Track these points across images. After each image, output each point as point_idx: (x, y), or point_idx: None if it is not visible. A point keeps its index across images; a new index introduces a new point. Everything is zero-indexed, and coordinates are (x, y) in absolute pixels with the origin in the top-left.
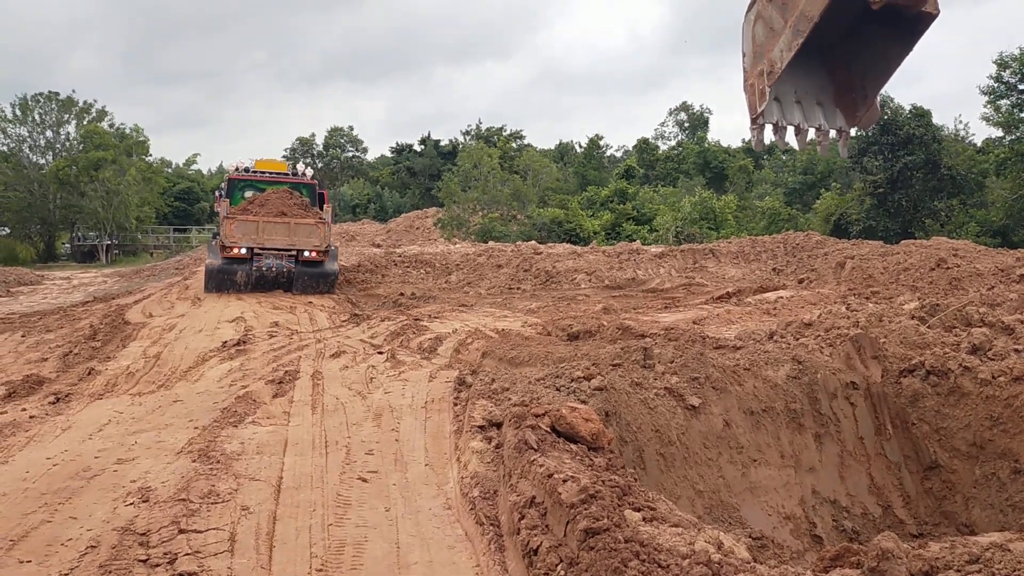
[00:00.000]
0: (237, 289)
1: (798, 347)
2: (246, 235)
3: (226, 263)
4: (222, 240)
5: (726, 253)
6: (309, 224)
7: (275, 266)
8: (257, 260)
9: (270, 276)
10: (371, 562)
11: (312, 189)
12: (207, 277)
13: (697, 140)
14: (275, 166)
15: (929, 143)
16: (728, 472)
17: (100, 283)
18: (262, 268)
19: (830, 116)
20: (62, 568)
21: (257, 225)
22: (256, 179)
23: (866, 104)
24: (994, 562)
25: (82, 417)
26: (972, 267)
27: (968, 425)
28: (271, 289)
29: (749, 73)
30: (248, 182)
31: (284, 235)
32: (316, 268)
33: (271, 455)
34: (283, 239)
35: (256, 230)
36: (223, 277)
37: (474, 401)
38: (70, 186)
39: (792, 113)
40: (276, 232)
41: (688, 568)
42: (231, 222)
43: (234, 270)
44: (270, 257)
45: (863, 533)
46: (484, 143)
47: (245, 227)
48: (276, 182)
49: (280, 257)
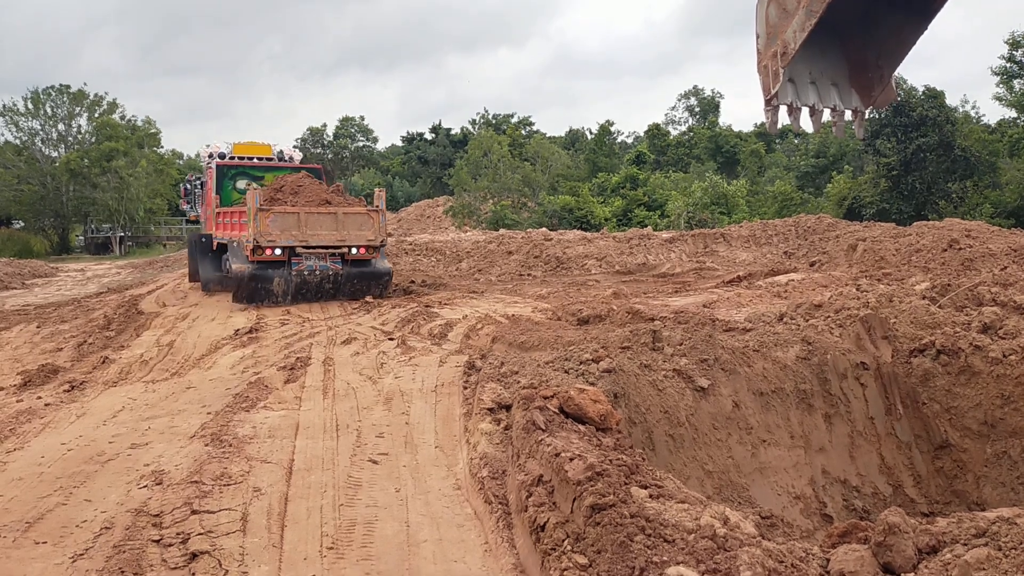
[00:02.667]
0: (273, 300)
1: (808, 328)
2: (286, 231)
3: (259, 268)
4: (255, 239)
5: (737, 237)
6: (360, 214)
7: (319, 268)
8: (297, 262)
9: (313, 282)
10: (381, 540)
11: (318, 174)
12: (238, 286)
13: (708, 125)
14: (258, 149)
15: (943, 124)
16: (737, 453)
17: (114, 275)
18: (303, 272)
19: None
20: (77, 549)
21: (298, 218)
22: (249, 165)
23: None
24: (1001, 536)
25: (96, 404)
26: (985, 247)
27: (979, 404)
28: (314, 299)
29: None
30: (240, 169)
31: (331, 228)
32: (366, 268)
33: (283, 439)
34: (330, 234)
35: (297, 224)
36: (256, 286)
37: (483, 384)
38: (83, 178)
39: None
40: (321, 225)
41: (694, 542)
42: (266, 215)
43: (269, 276)
44: (311, 258)
45: (873, 512)
46: (493, 131)
47: (284, 221)
48: (276, 167)
49: (323, 257)
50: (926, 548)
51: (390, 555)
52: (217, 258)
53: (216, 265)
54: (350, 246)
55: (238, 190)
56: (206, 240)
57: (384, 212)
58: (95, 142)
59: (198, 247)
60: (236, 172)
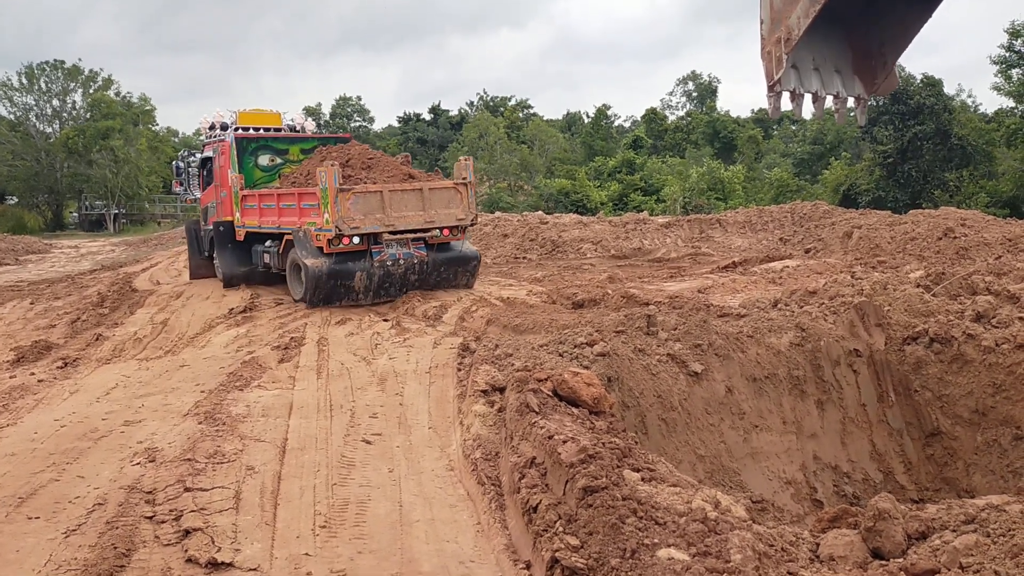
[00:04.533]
0: (353, 299)
1: (802, 315)
2: (369, 214)
3: (337, 262)
4: (336, 226)
5: (733, 223)
6: (447, 189)
7: (402, 257)
8: (378, 251)
9: (397, 273)
10: (374, 520)
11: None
12: (311, 288)
13: (706, 110)
14: (265, 119)
15: (940, 113)
16: (730, 438)
17: (108, 252)
18: (386, 263)
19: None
20: (70, 524)
21: (381, 198)
22: (271, 136)
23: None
24: (989, 523)
25: (90, 381)
26: (980, 237)
27: (971, 392)
28: (397, 293)
29: (766, 40)
30: (263, 142)
31: (417, 208)
32: (452, 252)
33: (276, 418)
34: (416, 215)
35: (381, 205)
36: (335, 285)
37: (478, 366)
38: (78, 155)
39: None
40: (406, 205)
41: (685, 525)
42: (346, 196)
43: (350, 271)
44: (393, 245)
45: (864, 498)
46: (490, 113)
47: (366, 202)
48: (301, 139)
49: (405, 243)
50: (915, 534)
51: (383, 534)
52: (243, 249)
53: (242, 258)
54: (439, 227)
55: (261, 167)
56: (225, 229)
57: (473, 185)
58: (89, 118)
59: (215, 238)
60: (257, 146)
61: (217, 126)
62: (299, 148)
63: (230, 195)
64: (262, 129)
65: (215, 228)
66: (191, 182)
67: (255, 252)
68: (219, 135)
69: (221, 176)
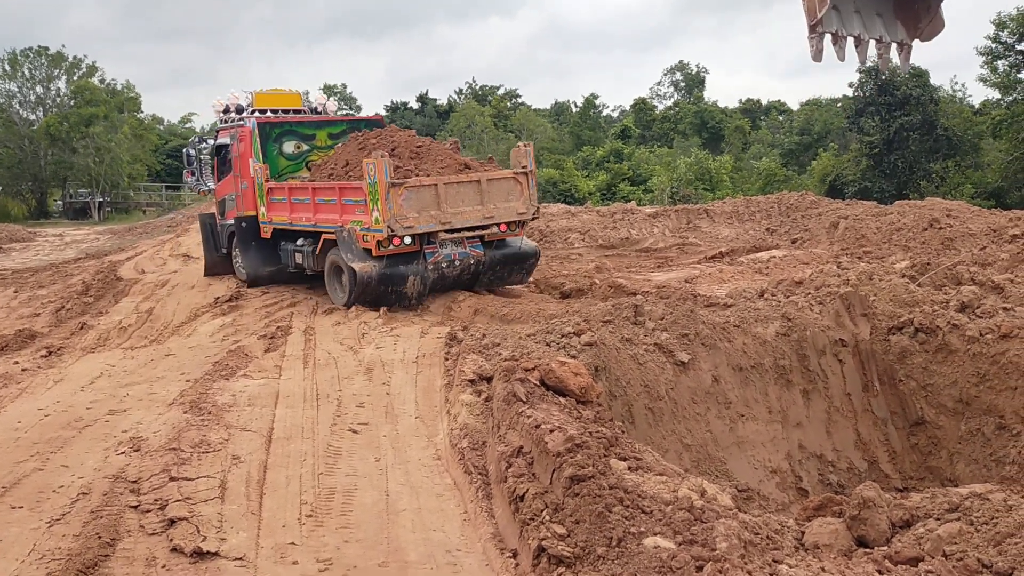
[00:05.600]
0: (405, 303)
1: (788, 305)
2: (423, 211)
3: (388, 266)
4: (388, 225)
5: (720, 213)
6: (506, 179)
7: (458, 257)
8: (431, 252)
9: (452, 275)
10: (360, 509)
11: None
12: (359, 294)
13: (694, 100)
14: (285, 99)
15: (926, 104)
16: (716, 427)
17: (92, 240)
18: (440, 264)
19: (891, 28)
20: (54, 514)
21: (436, 192)
22: (296, 120)
23: (928, 15)
24: (973, 511)
25: (74, 370)
26: (965, 227)
27: (955, 382)
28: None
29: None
30: (287, 127)
31: (474, 203)
32: (510, 249)
33: (262, 407)
34: (474, 210)
35: (436, 200)
36: (385, 291)
37: (465, 356)
38: (61, 142)
39: (851, 23)
40: (463, 199)
41: (671, 514)
42: (397, 191)
43: (402, 275)
44: (447, 244)
45: (848, 487)
46: (478, 102)
47: (420, 197)
48: (329, 122)
49: (460, 242)
50: (900, 522)
51: (369, 523)
52: (270, 247)
53: (268, 257)
54: (498, 223)
55: (286, 155)
56: (248, 225)
57: (534, 174)
58: (74, 106)
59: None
60: (281, 131)
61: (232, 109)
62: (327, 133)
63: (252, 187)
64: (280, 112)
65: (237, 224)
66: (203, 171)
67: (284, 251)
68: (235, 119)
69: (241, 166)
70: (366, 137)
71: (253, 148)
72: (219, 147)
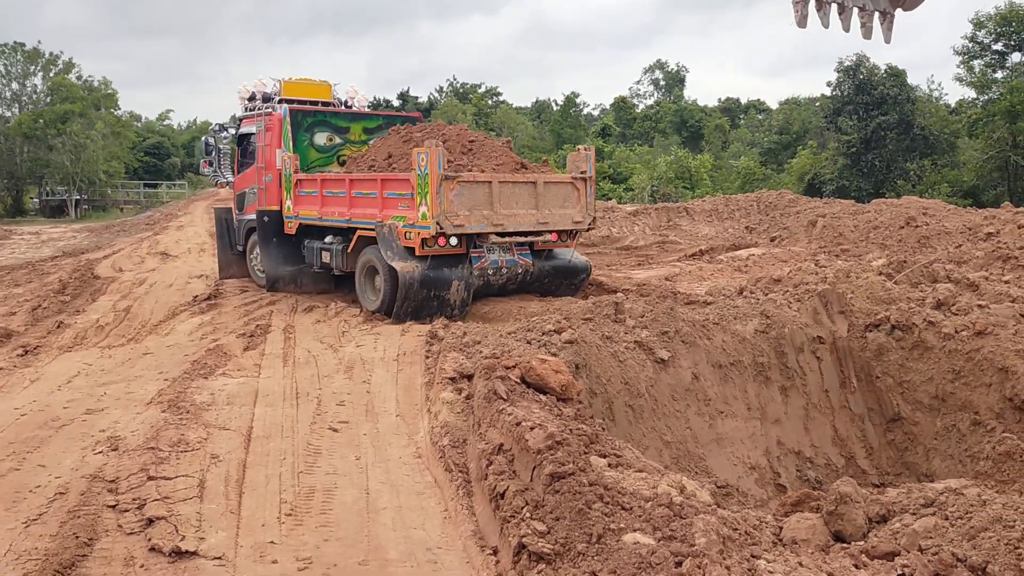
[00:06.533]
0: (448, 312)
1: (767, 302)
2: (475, 209)
3: (432, 267)
4: (437, 222)
5: (700, 211)
6: (563, 184)
7: (505, 265)
8: (477, 256)
9: (497, 284)
10: (340, 507)
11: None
12: (401, 298)
13: (674, 99)
14: (314, 90)
15: (903, 103)
16: (695, 424)
17: (69, 238)
18: (487, 271)
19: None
20: (30, 514)
21: (490, 190)
22: (330, 111)
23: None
24: (948, 506)
25: (51, 369)
26: (941, 226)
27: (931, 378)
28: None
29: None
30: (320, 117)
31: (529, 206)
32: (559, 261)
33: (241, 406)
34: (528, 213)
35: (489, 199)
36: (427, 295)
37: (445, 353)
38: (37, 140)
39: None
40: (517, 201)
41: (651, 510)
42: (450, 184)
43: (446, 280)
44: (495, 249)
45: (826, 483)
46: (459, 100)
47: (472, 195)
48: (366, 116)
49: (508, 248)
50: (876, 517)
51: (349, 522)
52: (291, 245)
53: (290, 255)
54: (551, 230)
55: (317, 147)
56: (271, 220)
57: (593, 181)
58: (50, 103)
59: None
60: (314, 121)
61: (258, 96)
62: (362, 127)
63: (277, 179)
64: (308, 103)
65: (259, 218)
66: (222, 162)
67: (309, 249)
68: (260, 107)
69: (267, 156)
70: (411, 131)
71: (283, 137)
72: (241, 136)
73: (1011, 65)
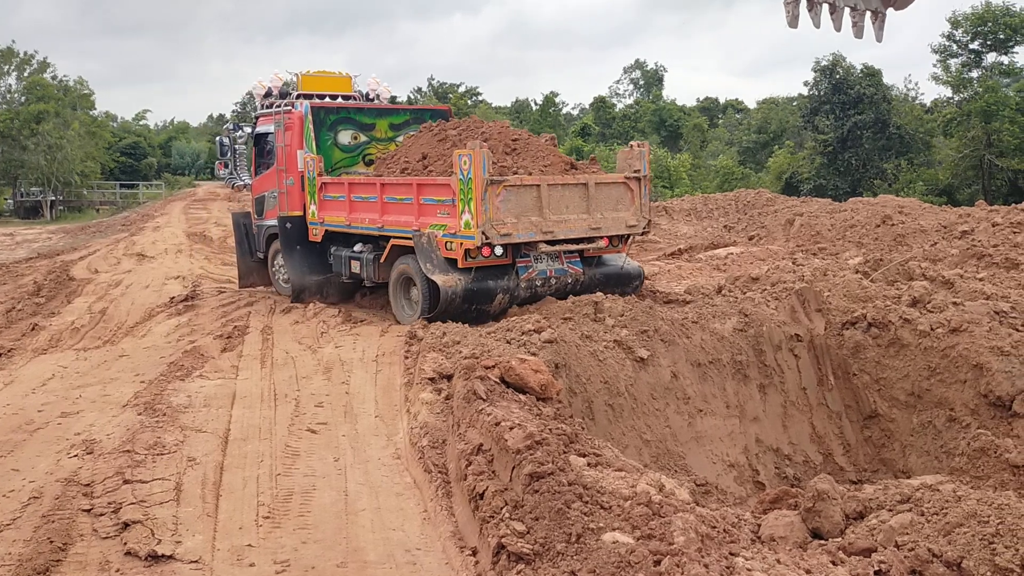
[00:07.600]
0: (483, 320)
1: (745, 301)
2: (522, 216)
3: (476, 281)
4: (483, 231)
5: (678, 211)
6: (616, 184)
7: (554, 275)
8: (524, 266)
9: (544, 295)
10: (319, 509)
11: (446, 117)
12: (443, 311)
13: (653, 98)
14: (334, 84)
15: (879, 103)
16: (675, 422)
17: (44, 239)
18: (534, 282)
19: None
20: (3, 519)
21: (538, 194)
22: (354, 107)
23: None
24: (924, 501)
25: (25, 372)
26: (916, 224)
27: (907, 375)
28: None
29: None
30: (344, 114)
31: (580, 210)
32: (611, 268)
33: (219, 408)
34: (579, 219)
35: (538, 204)
36: (469, 309)
37: (425, 354)
38: (11, 140)
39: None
40: (567, 205)
41: (630, 509)
42: (495, 189)
43: (491, 292)
44: (543, 258)
45: (804, 480)
46: (438, 99)
47: (520, 199)
48: (392, 111)
49: (557, 256)
50: (853, 514)
51: (327, 524)
52: (317, 253)
53: (316, 263)
54: (604, 236)
55: (341, 146)
56: (294, 226)
57: (649, 180)
58: (25, 102)
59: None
60: (338, 118)
61: (275, 92)
62: (388, 123)
63: (300, 182)
64: (328, 97)
65: (281, 225)
66: (239, 163)
67: (337, 257)
68: (278, 104)
69: (288, 157)
70: (445, 128)
71: (304, 137)
72: (258, 136)
73: (987, 65)
